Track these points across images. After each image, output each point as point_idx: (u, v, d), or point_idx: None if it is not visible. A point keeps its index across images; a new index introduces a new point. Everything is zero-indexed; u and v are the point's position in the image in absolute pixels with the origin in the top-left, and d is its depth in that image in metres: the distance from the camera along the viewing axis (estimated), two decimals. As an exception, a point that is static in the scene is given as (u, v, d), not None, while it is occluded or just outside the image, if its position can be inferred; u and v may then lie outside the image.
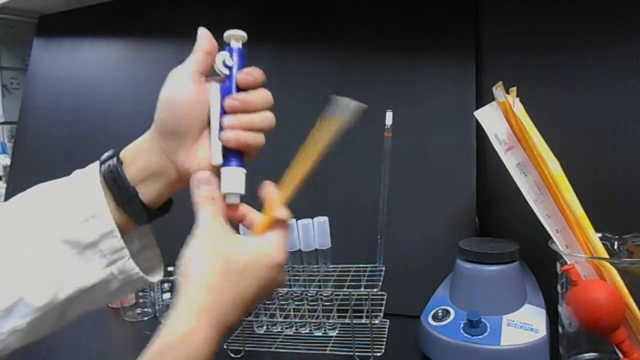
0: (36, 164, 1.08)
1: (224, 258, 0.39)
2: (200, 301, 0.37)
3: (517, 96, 0.59)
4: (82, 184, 0.44)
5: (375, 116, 0.73)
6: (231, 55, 0.44)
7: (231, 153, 0.43)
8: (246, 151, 0.44)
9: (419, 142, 0.80)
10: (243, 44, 0.45)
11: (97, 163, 0.45)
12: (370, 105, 0.87)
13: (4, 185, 1.15)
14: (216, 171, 0.43)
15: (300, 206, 0.79)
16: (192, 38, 0.44)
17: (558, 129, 0.67)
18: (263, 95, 0.44)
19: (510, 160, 0.60)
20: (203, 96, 0.43)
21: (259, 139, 0.43)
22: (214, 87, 0.44)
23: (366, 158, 0.80)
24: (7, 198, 1.11)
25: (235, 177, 0.43)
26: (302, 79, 0.89)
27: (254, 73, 0.44)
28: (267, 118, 0.44)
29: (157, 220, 0.47)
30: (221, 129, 0.43)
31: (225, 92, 0.44)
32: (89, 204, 0.42)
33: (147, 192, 0.44)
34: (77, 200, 0.43)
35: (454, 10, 0.81)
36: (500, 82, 0.57)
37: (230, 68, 0.44)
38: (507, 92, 0.57)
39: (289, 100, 0.88)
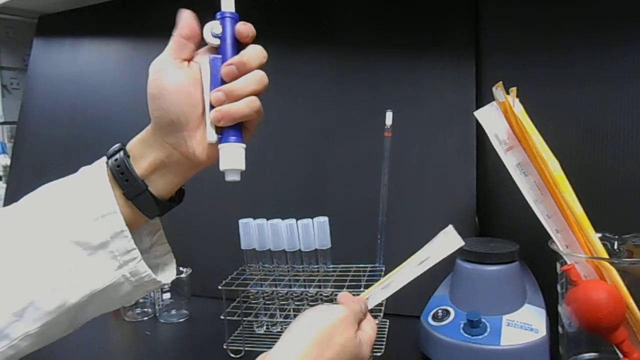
0: (36, 164, 1.08)
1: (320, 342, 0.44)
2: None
3: (517, 96, 0.58)
4: (90, 181, 0.42)
5: (375, 116, 0.73)
6: (221, 23, 0.42)
7: (228, 128, 0.42)
8: (244, 124, 0.43)
9: (419, 142, 0.80)
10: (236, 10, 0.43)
11: (104, 158, 0.44)
12: (370, 105, 0.87)
13: (4, 185, 1.15)
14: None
15: (300, 206, 0.80)
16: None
17: (558, 129, 0.67)
18: (256, 51, 0.43)
19: (510, 160, 0.60)
20: (190, 79, 0.42)
21: (252, 105, 0.42)
22: (205, 62, 0.42)
23: (366, 158, 0.80)
24: (7, 198, 1.12)
25: (233, 153, 0.41)
26: (302, 79, 0.89)
27: (248, 24, 0.43)
28: (256, 79, 0.42)
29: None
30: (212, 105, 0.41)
31: (220, 62, 0.42)
32: (98, 202, 0.41)
33: (158, 184, 0.43)
34: (86, 199, 0.42)
35: (454, 10, 0.81)
36: (500, 82, 0.57)
37: (220, 37, 0.42)
38: (507, 92, 0.57)
39: (289, 100, 0.88)
